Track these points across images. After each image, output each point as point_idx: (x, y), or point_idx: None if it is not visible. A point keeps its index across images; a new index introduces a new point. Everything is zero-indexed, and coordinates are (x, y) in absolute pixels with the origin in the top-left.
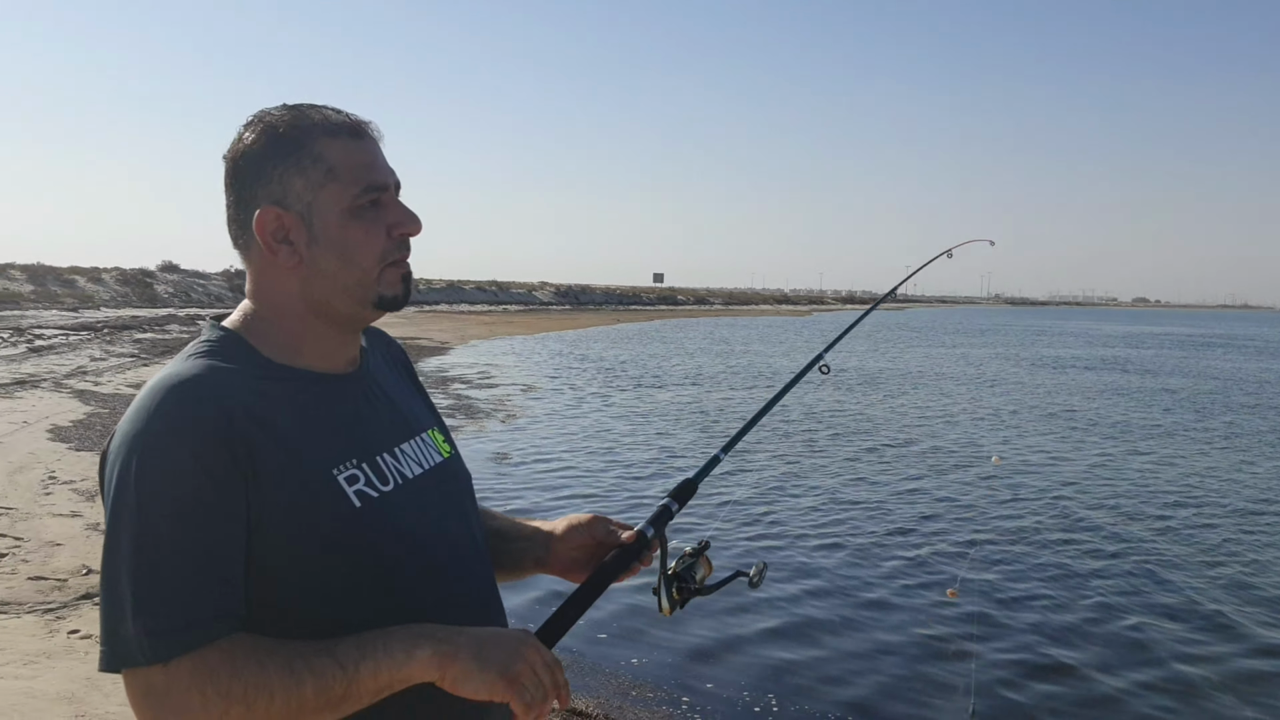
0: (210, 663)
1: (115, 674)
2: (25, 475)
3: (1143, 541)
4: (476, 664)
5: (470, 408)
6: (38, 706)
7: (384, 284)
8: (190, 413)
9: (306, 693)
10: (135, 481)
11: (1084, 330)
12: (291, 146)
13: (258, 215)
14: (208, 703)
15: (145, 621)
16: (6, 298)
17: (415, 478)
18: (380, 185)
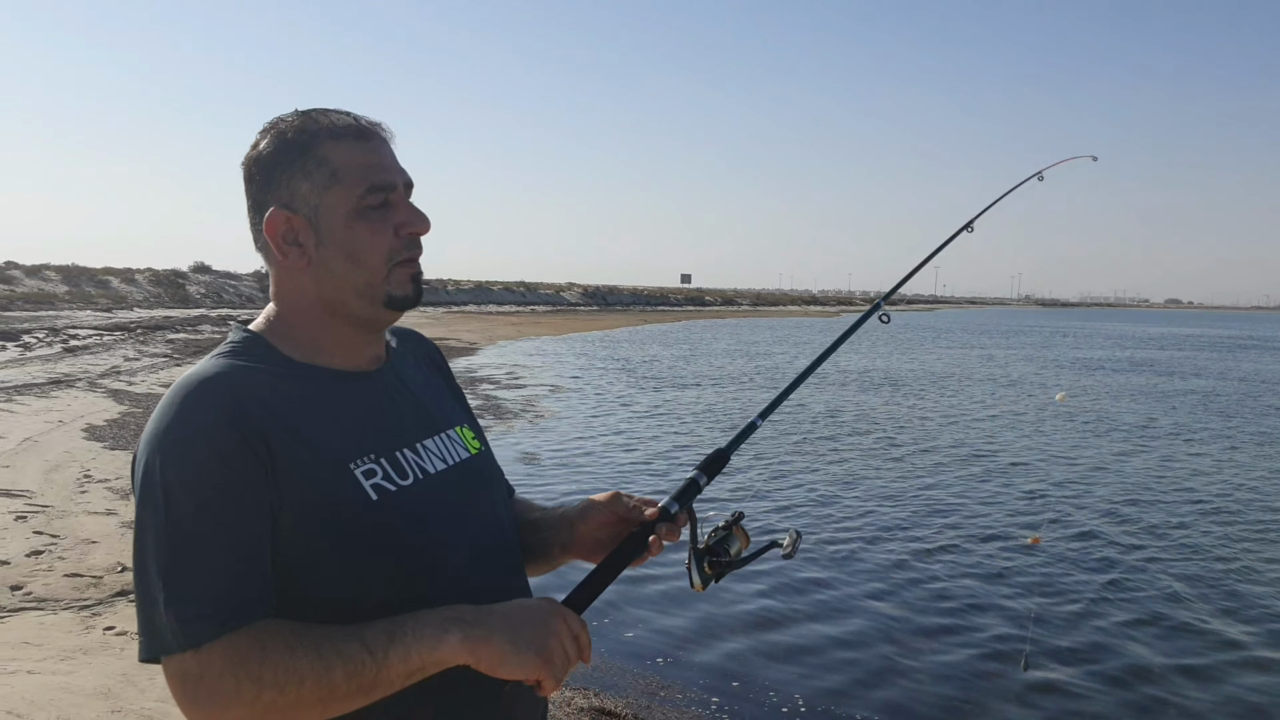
0: (241, 648)
1: (154, 664)
2: (61, 474)
3: (1198, 540)
4: (511, 646)
5: (498, 408)
6: (75, 701)
7: (393, 284)
8: (209, 409)
9: (336, 678)
10: (160, 477)
11: (1116, 332)
12: (298, 151)
13: (266, 218)
14: (240, 687)
15: (176, 609)
16: (42, 298)
17: (437, 473)
18: (385, 185)
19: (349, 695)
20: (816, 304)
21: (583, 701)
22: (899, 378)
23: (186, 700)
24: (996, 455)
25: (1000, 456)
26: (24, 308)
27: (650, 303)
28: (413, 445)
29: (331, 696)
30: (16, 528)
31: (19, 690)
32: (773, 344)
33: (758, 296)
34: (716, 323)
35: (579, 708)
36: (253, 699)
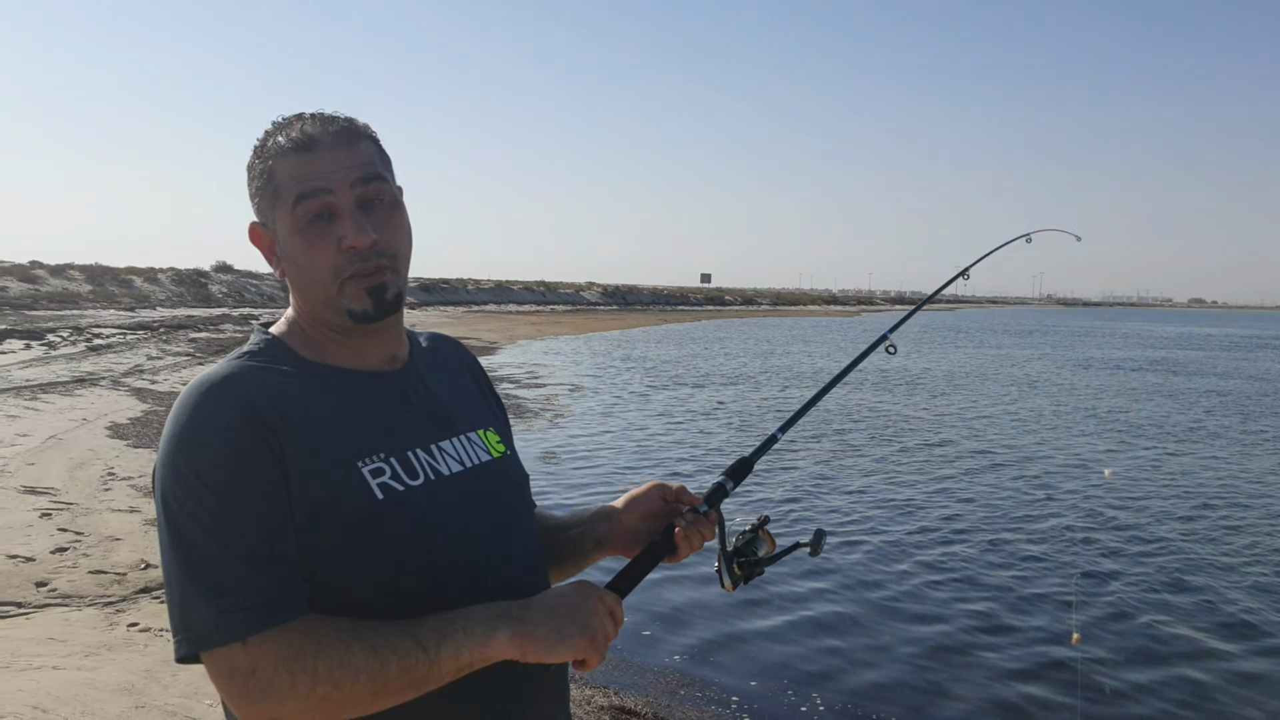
0: (294, 641)
1: (190, 663)
2: (85, 471)
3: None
4: (556, 638)
5: (518, 407)
6: (99, 698)
7: (348, 298)
8: (222, 408)
9: (391, 673)
10: (185, 476)
11: (1137, 331)
12: (258, 169)
13: (248, 231)
14: (295, 682)
15: (219, 603)
16: (66, 298)
17: (452, 475)
18: (311, 192)
19: (401, 690)
20: (837, 304)
21: (603, 700)
22: (916, 378)
23: (238, 695)
24: (1023, 457)
25: (1015, 455)
26: (48, 307)
27: (670, 302)
28: (426, 446)
29: (384, 691)
30: (41, 525)
31: (44, 686)
32: (790, 343)
33: (778, 296)
34: (735, 322)
35: (599, 706)
36: (307, 693)
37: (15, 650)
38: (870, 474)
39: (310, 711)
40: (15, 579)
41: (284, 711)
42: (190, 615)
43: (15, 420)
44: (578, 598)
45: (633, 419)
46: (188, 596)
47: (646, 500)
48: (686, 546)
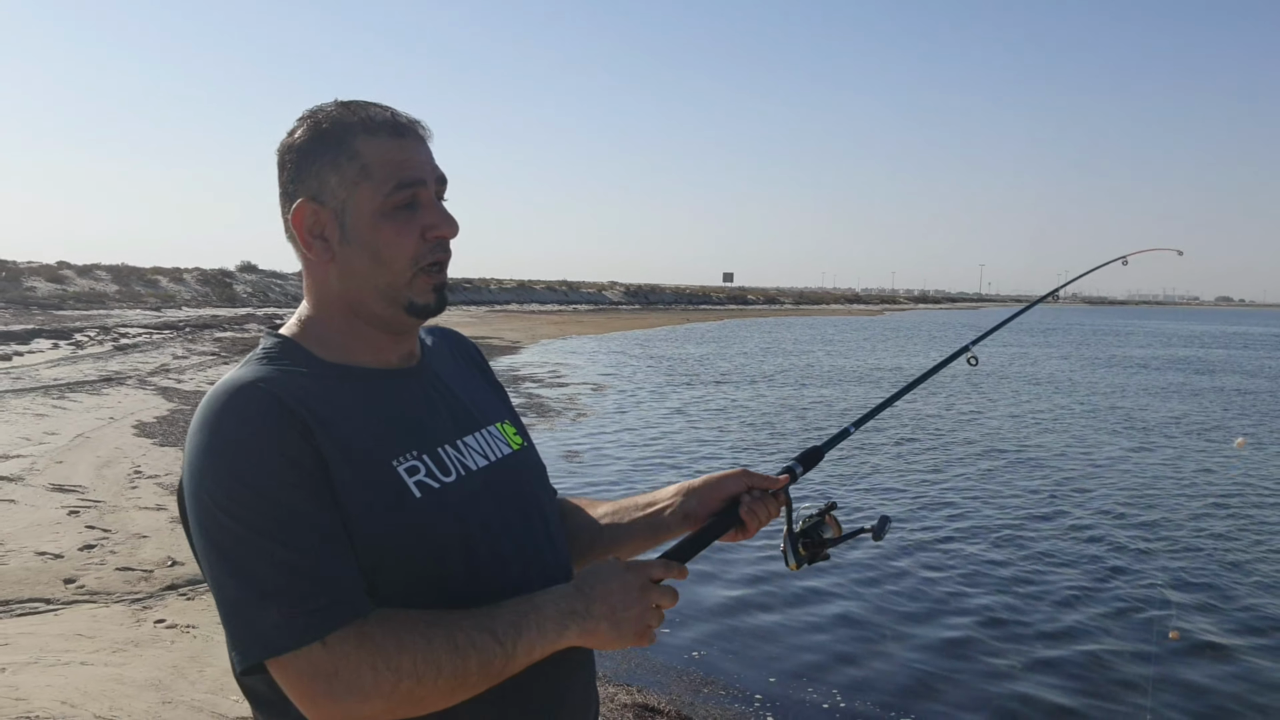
0: (374, 637)
1: (251, 675)
2: (112, 469)
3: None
4: (615, 632)
5: (541, 406)
6: (126, 693)
7: (415, 290)
8: (259, 411)
9: (471, 667)
10: (229, 482)
11: (1162, 330)
12: (331, 143)
13: (294, 209)
14: (379, 678)
15: (288, 605)
16: (93, 298)
17: (479, 469)
18: (412, 181)
19: (476, 685)
20: (860, 303)
21: (626, 698)
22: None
23: (320, 697)
24: (1059, 455)
25: (1047, 453)
26: (76, 306)
27: (692, 301)
28: (453, 442)
29: (463, 685)
30: (69, 522)
31: (73, 681)
32: (811, 343)
33: (800, 295)
34: (759, 322)
35: (622, 704)
36: (391, 690)
37: (44, 646)
38: (890, 470)
39: (393, 709)
40: (44, 576)
41: (367, 710)
42: (256, 623)
43: (44, 419)
44: (634, 591)
45: (653, 417)
46: (248, 605)
47: (733, 482)
48: (753, 521)
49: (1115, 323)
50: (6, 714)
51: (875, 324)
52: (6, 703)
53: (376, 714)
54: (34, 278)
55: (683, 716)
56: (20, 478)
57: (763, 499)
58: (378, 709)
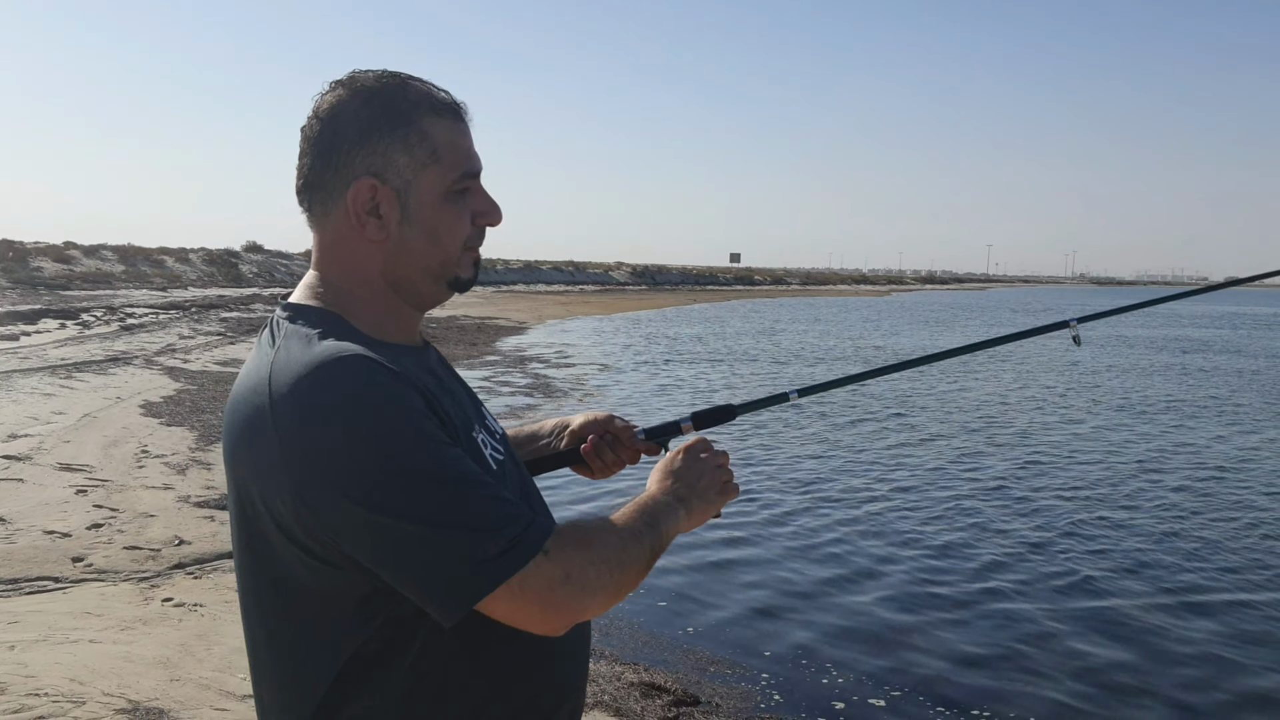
0: (583, 537)
1: (462, 613)
2: (119, 449)
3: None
4: (709, 508)
5: (548, 386)
6: (135, 670)
7: (462, 267)
8: (376, 376)
9: (645, 554)
10: (387, 444)
11: (1168, 310)
12: (398, 119)
13: (355, 185)
14: (599, 572)
15: (503, 532)
16: (99, 277)
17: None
18: (476, 171)
19: (646, 570)
20: (867, 283)
21: (632, 676)
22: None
23: (560, 602)
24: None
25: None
26: (82, 286)
27: (699, 282)
28: (487, 418)
29: (643, 571)
30: (77, 501)
31: (81, 659)
32: (812, 322)
33: (807, 275)
34: (766, 302)
35: (629, 682)
36: (610, 581)
37: (53, 624)
38: (871, 451)
39: (609, 600)
40: (52, 554)
41: (594, 605)
42: (475, 558)
43: (51, 398)
44: (703, 465)
45: (663, 398)
46: (459, 546)
47: (596, 425)
48: (594, 462)
49: (1115, 302)
50: (16, 691)
51: (884, 305)
52: (15, 680)
53: (598, 607)
54: (41, 258)
55: (689, 695)
56: (28, 457)
57: (613, 445)
58: (601, 602)
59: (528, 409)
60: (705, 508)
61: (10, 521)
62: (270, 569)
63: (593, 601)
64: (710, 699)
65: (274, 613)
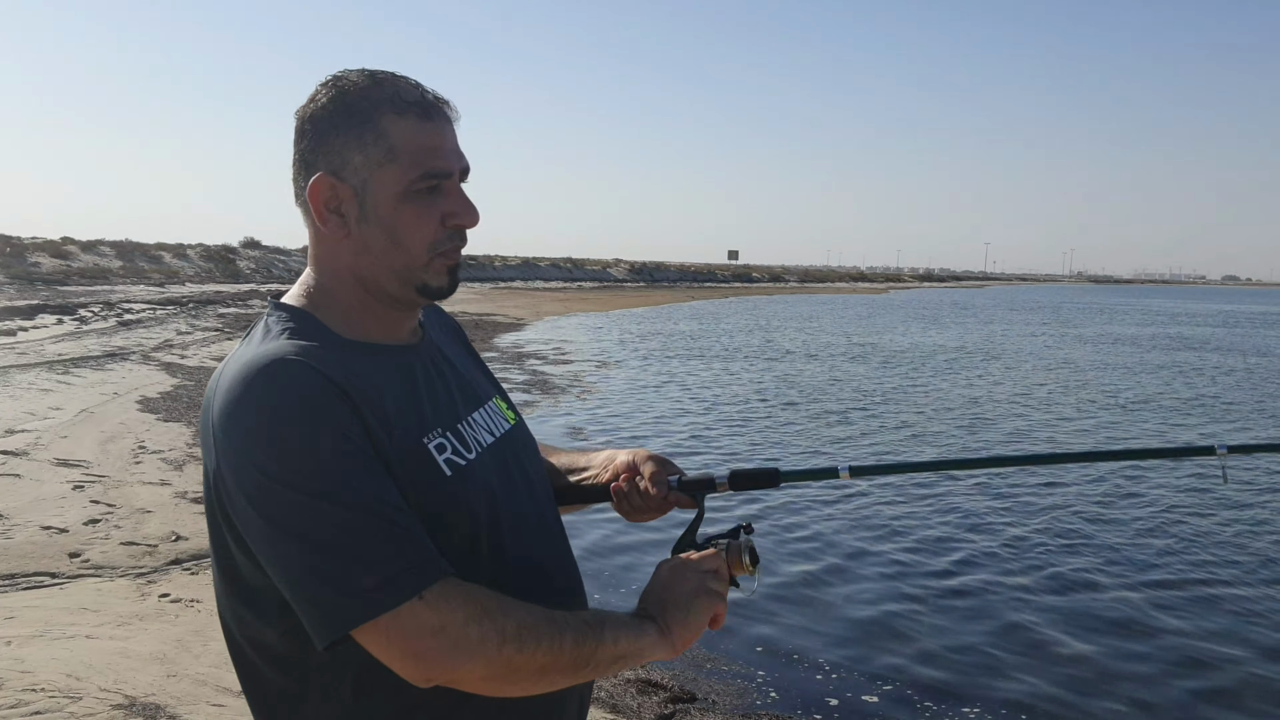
0: (478, 597)
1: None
2: (116, 444)
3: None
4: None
5: (545, 383)
6: (132, 666)
7: (430, 273)
8: (304, 385)
9: (566, 647)
10: (289, 457)
11: (1157, 308)
12: (357, 118)
13: (312, 182)
14: (485, 637)
15: (379, 565)
16: (97, 273)
17: (489, 445)
18: (441, 172)
19: (567, 669)
20: (865, 281)
21: (629, 673)
22: (890, 352)
23: (426, 655)
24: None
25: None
26: (80, 282)
27: (697, 279)
28: (466, 419)
29: (556, 665)
30: (74, 496)
31: (78, 654)
32: (821, 318)
33: (805, 273)
34: (764, 300)
35: (625, 679)
36: (495, 652)
37: (49, 620)
38: (866, 446)
39: (492, 675)
40: (49, 550)
41: (470, 670)
42: (347, 589)
43: (48, 394)
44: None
45: (657, 394)
46: (337, 573)
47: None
48: (620, 501)
49: (1116, 301)
50: (12, 686)
51: (882, 302)
52: (12, 675)
53: (476, 678)
54: (38, 253)
55: (685, 691)
56: (25, 452)
57: (643, 491)
58: (479, 671)
59: (525, 405)
60: (686, 634)
61: (7, 517)
62: (221, 556)
63: (469, 666)
64: (706, 695)
65: (228, 603)
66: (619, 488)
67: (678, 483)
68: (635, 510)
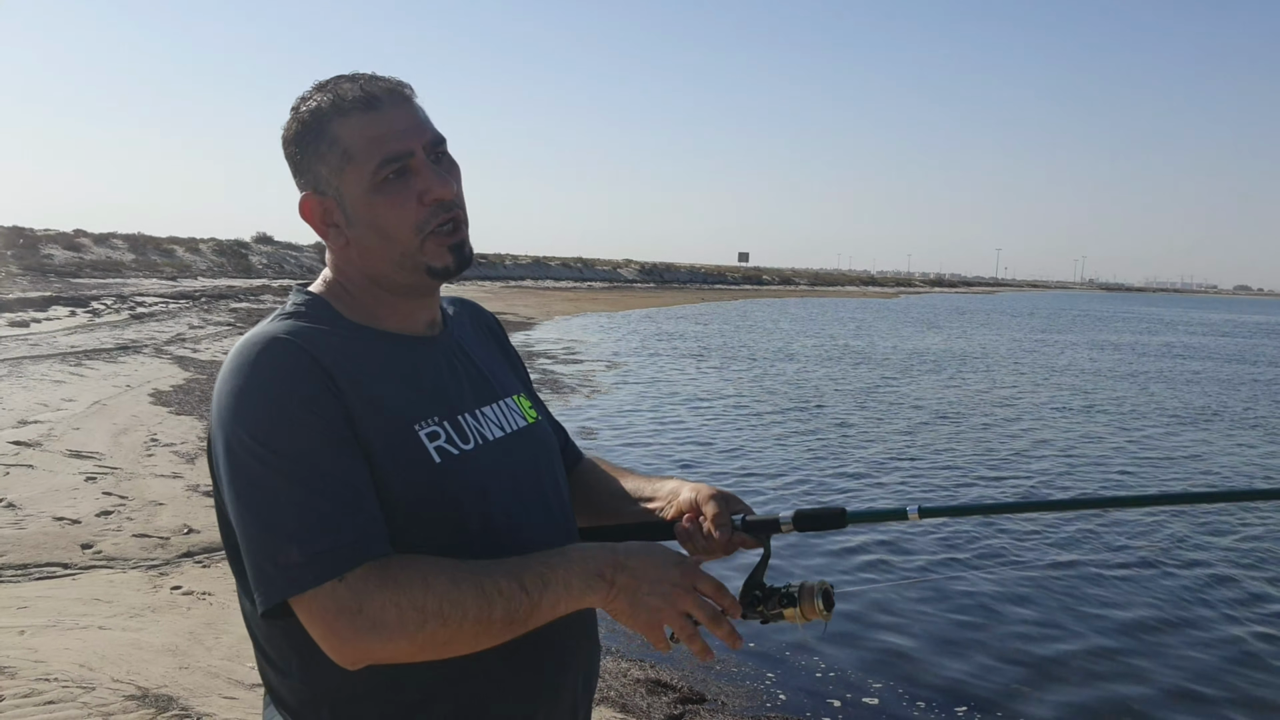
0: (398, 577)
1: (274, 618)
2: (129, 437)
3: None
4: (630, 613)
5: (555, 382)
6: (144, 657)
7: (429, 255)
8: (285, 363)
9: (496, 614)
10: (256, 428)
11: (1164, 317)
12: (312, 134)
13: (299, 203)
14: (404, 617)
15: (310, 544)
16: (109, 266)
17: (496, 440)
18: (397, 154)
19: (500, 633)
20: (875, 284)
21: (639, 673)
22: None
23: (345, 634)
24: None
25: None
26: (92, 275)
27: (707, 281)
28: (473, 411)
29: (487, 633)
30: (87, 488)
31: (91, 645)
32: (832, 323)
33: (815, 276)
34: (774, 302)
35: (635, 679)
36: (416, 629)
37: (62, 610)
38: (873, 446)
39: (417, 650)
40: (62, 541)
41: (391, 649)
42: (280, 561)
43: (61, 385)
44: (666, 584)
45: (667, 395)
46: (272, 545)
47: (705, 504)
48: (685, 540)
49: (1123, 309)
50: (26, 676)
51: (892, 306)
52: (25, 665)
53: (401, 653)
54: (51, 245)
55: (695, 692)
56: (38, 443)
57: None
58: (402, 648)
59: None
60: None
61: (20, 507)
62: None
63: (390, 645)
64: (716, 697)
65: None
66: (683, 528)
67: (742, 522)
68: (699, 551)
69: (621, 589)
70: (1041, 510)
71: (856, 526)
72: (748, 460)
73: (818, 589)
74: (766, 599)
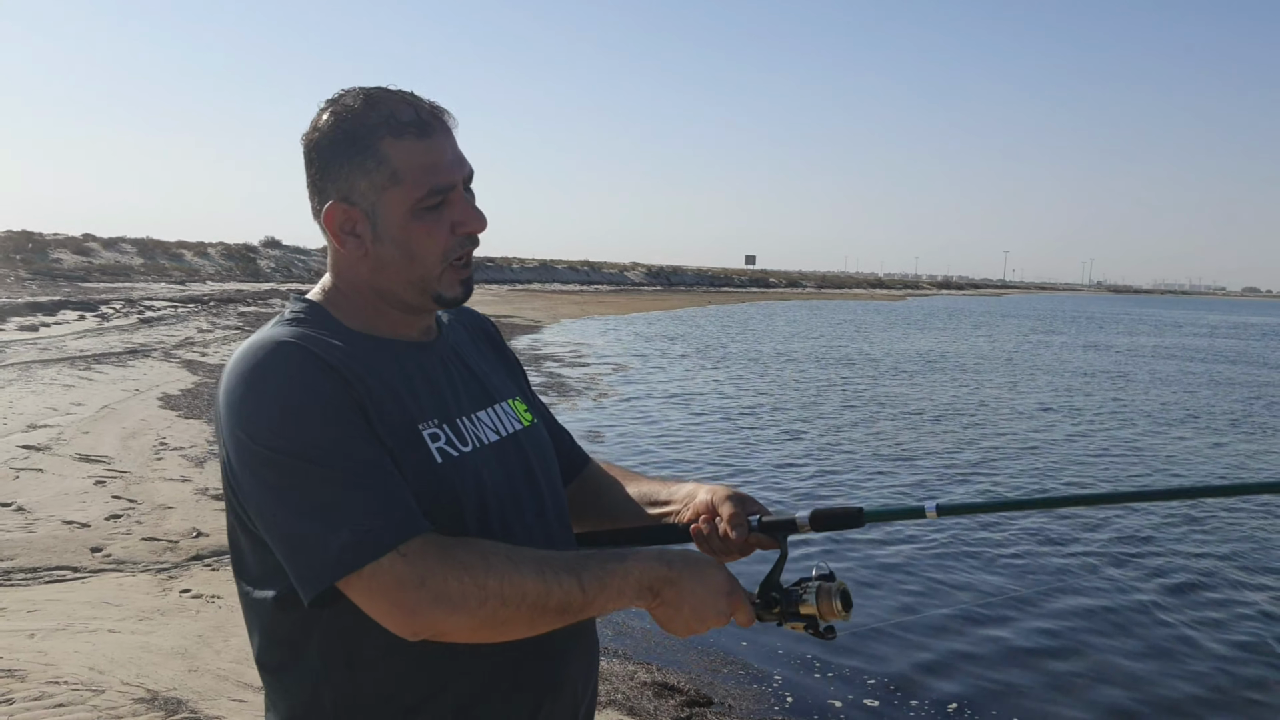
0: (456, 553)
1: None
2: (138, 440)
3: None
4: (667, 622)
5: (562, 386)
6: (153, 660)
7: (444, 284)
8: (298, 363)
9: (552, 603)
10: (279, 423)
11: (1168, 318)
12: (358, 146)
13: (325, 210)
14: (466, 592)
15: (360, 521)
16: (118, 270)
17: (492, 443)
18: (446, 187)
19: (551, 621)
20: (882, 287)
21: (645, 676)
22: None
23: (410, 605)
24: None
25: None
26: (101, 279)
27: (714, 283)
28: (469, 415)
29: (542, 619)
30: (96, 492)
31: (101, 648)
32: (835, 326)
33: (823, 279)
34: (781, 305)
35: (641, 682)
36: (478, 605)
37: (72, 613)
38: (885, 448)
39: (478, 626)
40: (72, 544)
41: (454, 623)
42: (328, 546)
43: (70, 390)
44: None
45: (676, 400)
46: (315, 531)
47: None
48: (700, 542)
49: (1131, 310)
50: (36, 679)
51: (899, 309)
52: (35, 668)
53: (461, 629)
54: (60, 250)
55: (701, 695)
56: (48, 447)
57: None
58: (462, 624)
59: None
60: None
61: (30, 511)
62: (234, 537)
63: (452, 618)
64: (723, 700)
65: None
66: (699, 530)
67: (758, 523)
68: (716, 553)
69: (666, 602)
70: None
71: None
72: (758, 462)
73: (836, 589)
74: (784, 599)
